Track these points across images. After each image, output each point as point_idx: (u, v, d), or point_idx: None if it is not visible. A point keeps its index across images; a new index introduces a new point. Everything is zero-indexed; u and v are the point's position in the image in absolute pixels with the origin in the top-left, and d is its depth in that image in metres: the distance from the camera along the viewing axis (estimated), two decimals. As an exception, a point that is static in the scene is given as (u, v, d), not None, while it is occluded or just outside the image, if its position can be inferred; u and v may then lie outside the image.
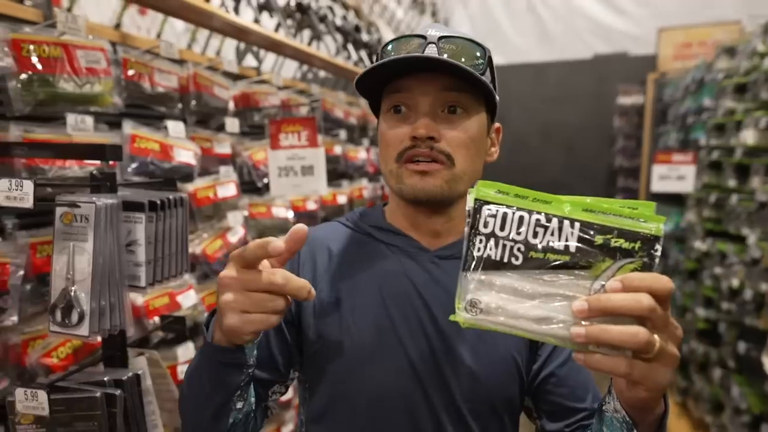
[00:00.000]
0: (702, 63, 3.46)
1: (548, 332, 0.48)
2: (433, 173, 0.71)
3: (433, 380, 0.73)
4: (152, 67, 1.36)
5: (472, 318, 0.50)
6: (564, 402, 0.76)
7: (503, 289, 0.50)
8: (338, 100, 2.63)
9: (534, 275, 0.50)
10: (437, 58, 0.67)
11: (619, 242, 0.49)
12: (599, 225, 0.49)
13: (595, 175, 5.53)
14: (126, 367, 0.90)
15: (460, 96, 0.71)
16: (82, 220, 0.80)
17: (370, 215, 0.83)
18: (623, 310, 0.46)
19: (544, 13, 5.70)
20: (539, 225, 0.51)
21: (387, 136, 0.73)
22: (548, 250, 0.50)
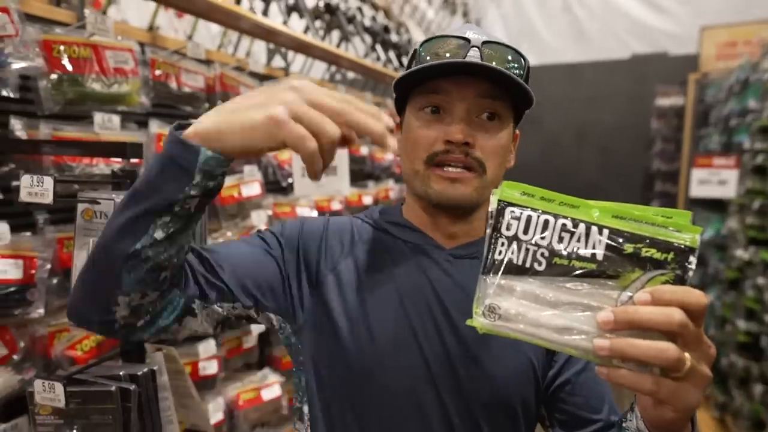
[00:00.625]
0: (747, 63, 3.30)
1: (570, 343, 0.46)
2: (464, 181, 0.70)
3: (446, 381, 0.71)
4: (179, 68, 1.39)
5: (489, 324, 0.48)
6: (578, 412, 0.74)
7: (524, 295, 0.48)
8: (366, 100, 2.63)
9: (557, 282, 0.47)
10: (495, 68, 0.66)
11: (650, 252, 0.46)
12: (630, 233, 0.47)
13: (631, 179, 5.36)
14: (143, 362, 0.92)
15: (496, 103, 0.70)
16: (101, 217, 0.82)
17: (388, 212, 0.82)
18: (652, 324, 0.44)
19: (580, 12, 5.56)
20: (565, 230, 0.48)
21: (417, 135, 0.72)
22: (574, 256, 0.47)
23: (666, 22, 5.13)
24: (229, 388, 1.64)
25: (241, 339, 1.70)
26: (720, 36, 4.64)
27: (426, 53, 0.70)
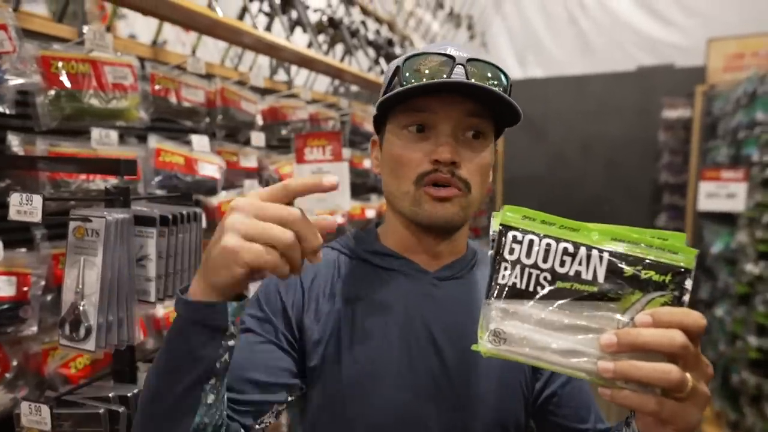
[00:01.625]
0: (755, 75, 3.27)
1: (574, 366, 0.47)
2: (451, 199, 0.70)
3: (438, 407, 0.70)
4: (179, 82, 1.39)
5: (494, 348, 0.48)
6: (567, 422, 0.75)
7: (528, 319, 0.48)
8: (369, 114, 2.62)
9: (560, 306, 0.48)
10: (489, 88, 0.65)
11: (649, 274, 0.47)
12: (629, 255, 0.48)
13: (638, 191, 5.31)
14: (134, 383, 0.90)
15: (481, 122, 0.70)
16: (93, 235, 0.81)
17: (363, 239, 0.81)
18: (654, 347, 0.44)
19: (585, 25, 5.56)
20: (567, 253, 0.49)
21: (403, 156, 0.71)
22: (576, 280, 0.48)
23: (672, 35, 5.11)
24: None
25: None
26: (727, 48, 4.62)
27: (409, 70, 0.69)
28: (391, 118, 0.74)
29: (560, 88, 5.42)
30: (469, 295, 0.77)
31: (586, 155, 5.47)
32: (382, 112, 0.74)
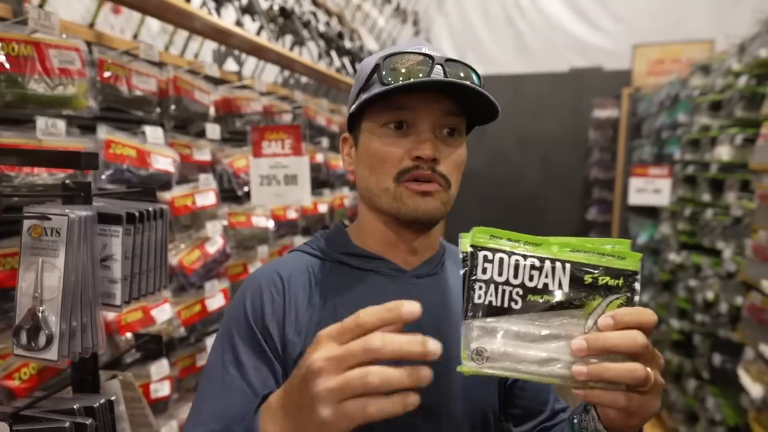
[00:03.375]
0: (677, 79, 3.55)
1: (551, 373, 0.50)
2: (433, 194, 0.71)
3: (424, 404, 0.70)
4: (130, 69, 1.30)
5: (477, 367, 0.50)
6: (530, 404, 0.82)
7: (506, 334, 0.51)
8: (321, 107, 2.59)
9: (533, 318, 0.51)
10: (476, 88, 0.67)
11: (605, 280, 0.52)
12: (587, 264, 0.53)
13: (571, 187, 5.62)
14: (98, 392, 0.84)
15: (458, 120, 0.73)
16: (52, 234, 0.74)
17: (335, 241, 0.80)
18: (620, 348, 0.49)
19: (522, 26, 5.78)
20: (534, 268, 0.52)
21: (383, 152, 0.71)
22: (545, 292, 0.52)
23: (601, 39, 5.43)
24: (182, 410, 1.54)
25: (195, 357, 1.61)
26: (651, 53, 4.98)
27: (388, 69, 0.69)
28: (368, 115, 0.73)
29: (499, 86, 5.60)
30: (444, 291, 0.79)
31: (523, 152, 5.70)
32: (359, 109, 0.73)
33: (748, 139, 2.28)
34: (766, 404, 1.93)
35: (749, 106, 2.30)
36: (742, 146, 2.32)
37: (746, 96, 2.31)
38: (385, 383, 0.44)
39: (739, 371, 2.06)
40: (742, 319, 2.06)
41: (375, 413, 0.44)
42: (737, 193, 2.40)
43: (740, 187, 2.39)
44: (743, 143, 2.31)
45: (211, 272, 1.63)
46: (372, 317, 0.47)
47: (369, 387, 0.44)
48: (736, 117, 2.39)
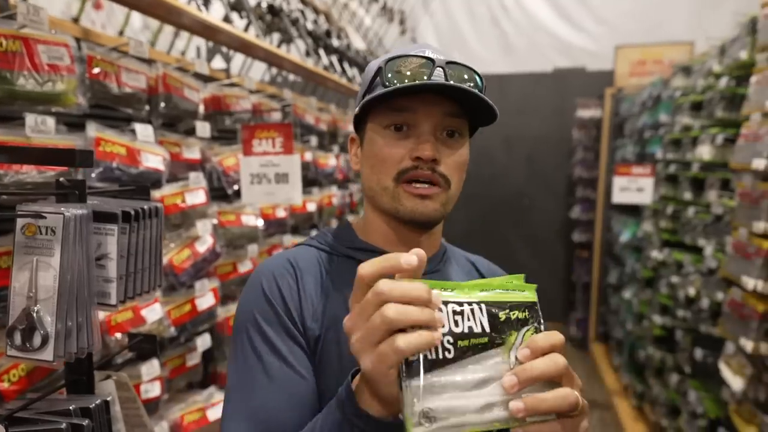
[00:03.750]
0: (659, 80, 3.62)
1: (493, 418, 0.49)
2: (432, 197, 0.73)
3: None
4: (119, 66, 1.28)
5: (426, 430, 0.47)
6: None
7: (446, 388, 0.49)
8: (309, 105, 2.58)
9: (466, 364, 0.51)
10: (473, 91, 0.69)
11: (515, 314, 0.54)
12: (498, 302, 0.54)
13: (555, 185, 5.69)
14: (92, 393, 0.82)
15: (459, 121, 0.74)
16: (47, 233, 0.72)
17: (342, 236, 0.82)
18: (547, 374, 0.51)
19: (507, 26, 5.83)
20: (456, 313, 0.51)
21: (384, 153, 0.73)
22: (471, 335, 0.51)
23: (584, 40, 5.51)
24: (172, 411, 1.53)
25: (185, 357, 1.59)
26: (632, 55, 5.06)
27: (391, 72, 0.71)
28: (372, 116, 0.75)
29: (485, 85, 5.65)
30: None
31: (508, 151, 5.76)
32: (364, 111, 0.76)
33: (728, 138, 2.34)
34: (746, 397, 1.98)
35: (729, 106, 2.36)
36: (722, 146, 2.37)
37: (727, 97, 2.37)
38: (401, 314, 0.47)
39: (720, 365, 2.11)
40: (723, 314, 2.11)
41: (404, 347, 0.47)
42: (718, 191, 2.46)
43: (721, 186, 2.45)
44: (724, 143, 2.36)
45: (201, 271, 1.62)
46: (372, 268, 0.50)
47: (388, 321, 0.47)
48: (716, 117, 2.45)
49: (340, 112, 3.16)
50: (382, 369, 0.48)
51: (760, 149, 1.84)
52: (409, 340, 0.47)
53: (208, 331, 1.67)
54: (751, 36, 2.15)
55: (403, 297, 0.48)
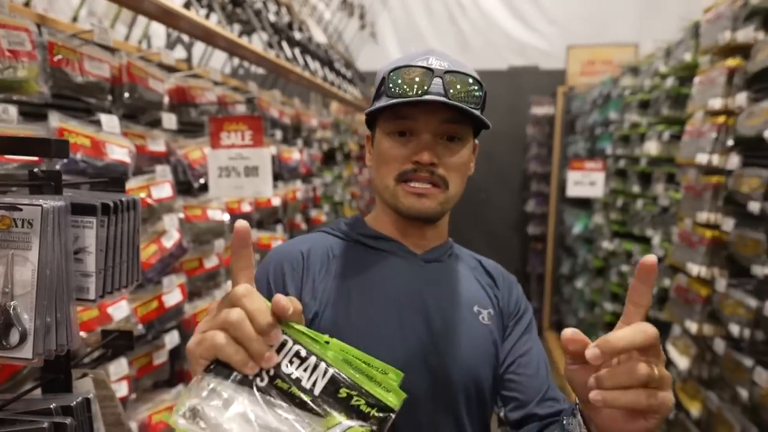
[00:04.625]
0: (609, 80, 3.80)
1: None
2: (429, 196, 0.79)
3: (430, 363, 0.79)
4: (82, 54, 1.22)
5: (185, 425, 0.45)
6: (524, 392, 0.83)
7: (232, 407, 0.46)
8: (274, 98, 2.54)
9: (270, 404, 0.47)
10: (456, 104, 0.74)
11: (359, 402, 0.48)
12: (349, 380, 0.49)
13: (510, 180, 5.86)
14: (70, 391, 0.80)
15: (458, 127, 0.79)
16: (24, 225, 0.69)
17: (355, 225, 0.90)
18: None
19: (464, 24, 5.94)
20: (297, 356, 0.49)
21: (388, 155, 0.80)
22: (295, 383, 0.48)
23: (538, 40, 5.69)
24: (139, 411, 1.48)
25: (152, 355, 1.55)
26: (583, 55, 5.28)
27: (393, 80, 0.77)
28: (380, 120, 0.82)
29: (442, 82, 5.72)
30: (451, 275, 0.86)
31: (466, 146, 5.88)
32: (372, 115, 0.82)
33: (674, 135, 2.49)
34: (691, 375, 2.13)
35: (674, 105, 2.51)
36: (668, 142, 2.53)
37: (672, 96, 2.52)
38: (238, 325, 0.47)
39: (668, 346, 2.25)
40: (670, 299, 2.25)
41: (220, 348, 0.47)
42: (664, 185, 2.61)
43: (667, 180, 2.61)
44: (670, 139, 2.52)
45: (168, 267, 1.57)
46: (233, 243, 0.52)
47: (226, 321, 0.47)
48: (663, 115, 2.60)
49: (303, 106, 3.13)
50: (197, 352, 0.49)
51: (703, 145, 1.98)
52: (229, 348, 0.47)
53: (175, 329, 1.63)
54: (694, 39, 2.30)
55: (249, 312, 0.47)
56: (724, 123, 1.89)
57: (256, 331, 0.47)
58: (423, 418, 0.77)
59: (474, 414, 0.82)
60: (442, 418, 0.79)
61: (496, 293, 0.89)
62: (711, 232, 1.94)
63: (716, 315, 1.90)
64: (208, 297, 1.86)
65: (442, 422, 0.79)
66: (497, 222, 5.84)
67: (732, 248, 1.82)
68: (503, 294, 0.90)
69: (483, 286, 0.89)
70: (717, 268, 1.93)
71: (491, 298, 0.88)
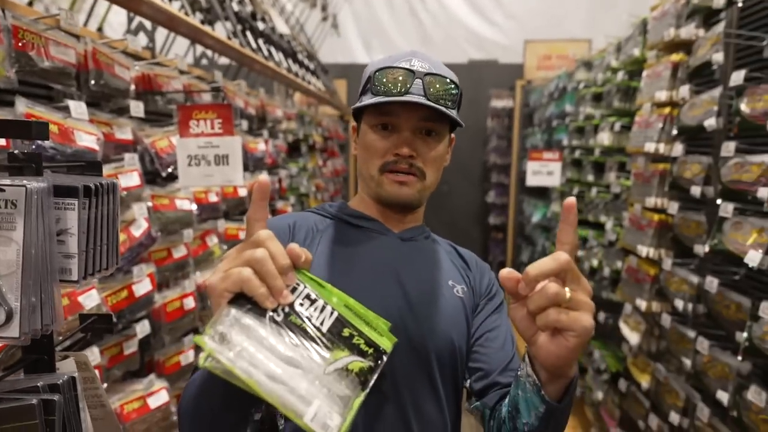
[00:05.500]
0: (564, 74, 3.96)
1: (275, 392, 0.50)
2: (409, 184, 0.87)
3: (407, 331, 0.83)
4: (47, 39, 1.20)
5: (215, 347, 0.50)
6: (489, 363, 0.88)
7: (254, 335, 0.52)
8: (239, 88, 2.53)
9: (285, 336, 0.53)
10: (431, 105, 0.82)
11: (359, 342, 0.57)
12: (352, 322, 0.58)
13: (472, 172, 6.00)
14: (53, 372, 0.80)
15: (434, 124, 0.88)
16: (7, 206, 0.70)
17: (341, 207, 0.97)
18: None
19: (425, 18, 6.01)
20: (308, 299, 0.57)
21: (373, 147, 0.88)
22: (307, 320, 0.55)
23: (497, 34, 5.84)
24: (110, 401, 1.47)
25: (122, 345, 1.54)
26: (539, 49, 5.46)
27: (378, 80, 0.85)
28: (364, 115, 0.90)
29: (404, 75, 5.78)
30: (427, 254, 0.93)
31: (428, 139, 5.97)
32: (358, 108, 0.90)
33: (624, 126, 2.64)
34: (641, 350, 2.29)
35: (625, 98, 2.66)
36: (619, 133, 2.68)
37: (622, 89, 2.67)
38: (263, 261, 0.54)
39: (620, 324, 2.41)
40: (622, 280, 2.40)
41: (246, 280, 0.53)
42: (616, 173, 2.77)
43: (618, 168, 2.76)
44: (621, 130, 2.67)
45: (138, 256, 1.57)
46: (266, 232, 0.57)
47: (252, 258, 0.54)
48: (614, 107, 2.75)
49: (268, 97, 3.12)
50: (221, 286, 0.54)
51: (651, 135, 2.12)
52: (254, 282, 0.53)
53: (146, 318, 1.63)
54: (642, 35, 2.44)
55: (272, 252, 0.55)
56: (669, 114, 2.03)
57: (277, 270, 0.54)
58: (400, 380, 0.83)
59: (448, 380, 0.87)
60: (419, 383, 0.84)
61: (468, 274, 0.96)
62: (658, 216, 2.09)
63: (663, 292, 2.05)
64: (178, 287, 1.86)
65: (419, 386, 0.84)
66: (459, 213, 5.98)
67: (677, 230, 1.97)
68: (476, 276, 0.96)
69: (457, 267, 0.96)
70: (663, 249, 2.07)
71: (464, 277, 0.95)
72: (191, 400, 0.70)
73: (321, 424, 0.50)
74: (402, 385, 0.83)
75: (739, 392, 1.48)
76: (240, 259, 0.56)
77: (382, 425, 0.82)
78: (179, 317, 1.79)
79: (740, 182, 1.50)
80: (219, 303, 0.55)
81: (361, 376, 0.55)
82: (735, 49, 1.67)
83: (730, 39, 1.66)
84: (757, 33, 1.56)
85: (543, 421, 0.68)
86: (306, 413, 0.50)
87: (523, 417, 0.71)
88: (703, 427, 1.71)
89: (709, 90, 1.78)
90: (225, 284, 0.55)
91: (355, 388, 0.54)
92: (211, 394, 0.66)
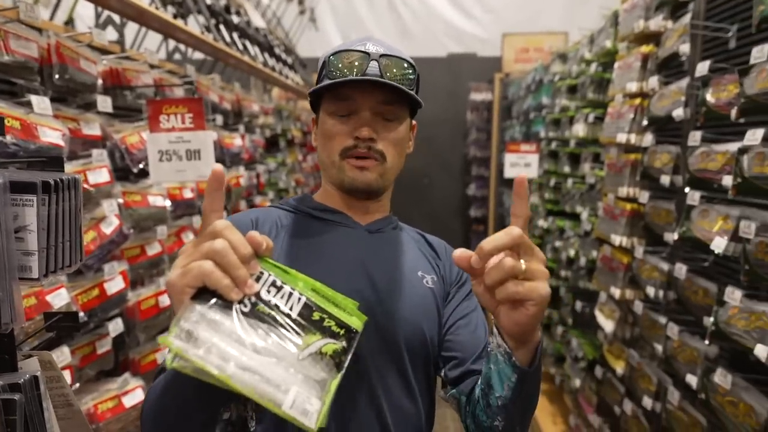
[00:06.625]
0: (540, 66, 3.99)
1: (250, 384, 0.49)
2: (369, 168, 0.87)
3: (377, 322, 0.83)
4: (7, 32, 1.17)
5: (182, 345, 0.49)
6: (463, 351, 0.88)
7: (222, 329, 0.51)
8: (213, 83, 2.50)
9: (256, 326, 0.53)
10: (390, 83, 0.82)
11: (330, 324, 0.56)
12: (320, 305, 0.57)
13: (452, 165, 6.03)
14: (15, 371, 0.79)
15: (393, 107, 0.87)
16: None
17: (303, 200, 0.96)
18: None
19: (403, 11, 6.00)
20: (274, 285, 0.56)
21: (332, 132, 0.87)
22: (274, 308, 0.54)
23: (475, 27, 5.86)
24: (83, 401, 1.45)
25: (95, 344, 1.52)
26: (517, 42, 5.49)
27: (333, 64, 0.84)
28: (323, 102, 0.89)
29: (384, 69, 5.77)
30: (395, 245, 0.93)
31: (408, 132, 5.98)
32: (317, 97, 0.89)
33: (598, 117, 2.68)
34: (615, 337, 2.34)
35: (598, 89, 2.70)
36: (593, 124, 2.71)
37: (596, 81, 2.71)
38: (223, 252, 0.52)
39: (596, 312, 2.45)
40: (597, 269, 2.44)
41: (208, 273, 0.52)
42: (591, 164, 2.81)
43: (593, 159, 2.80)
44: (594, 121, 2.70)
45: (109, 254, 1.54)
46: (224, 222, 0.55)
47: (211, 250, 0.53)
48: (588, 99, 2.79)
49: (244, 91, 3.08)
50: (182, 282, 0.53)
51: (622, 125, 2.15)
52: (217, 274, 0.52)
53: (119, 317, 1.60)
54: (614, 27, 2.47)
55: (232, 242, 0.53)
56: (639, 104, 2.06)
57: (240, 259, 0.53)
58: (372, 372, 0.83)
59: (419, 369, 0.87)
60: (390, 374, 0.84)
61: (438, 263, 0.96)
62: (630, 205, 2.12)
63: (636, 280, 2.09)
64: (152, 285, 1.84)
65: (390, 377, 0.84)
66: (440, 206, 6.01)
67: (648, 218, 2.01)
68: (445, 264, 0.96)
69: (426, 256, 0.95)
70: (636, 238, 2.11)
71: (434, 267, 0.94)
72: (155, 403, 0.69)
73: (300, 410, 0.50)
74: (374, 377, 0.83)
75: (706, 375, 1.52)
76: (198, 252, 0.54)
77: (356, 417, 0.82)
78: (154, 315, 1.77)
79: (706, 171, 1.54)
80: (181, 300, 0.53)
81: (336, 358, 0.55)
82: (701, 41, 1.70)
83: (696, 30, 1.69)
84: (722, 24, 1.59)
85: (515, 391, 0.69)
86: (284, 401, 0.50)
87: (495, 391, 0.71)
88: (674, 411, 1.75)
89: (677, 81, 1.81)
90: (185, 280, 0.53)
91: (331, 370, 0.54)
92: (177, 395, 0.65)
